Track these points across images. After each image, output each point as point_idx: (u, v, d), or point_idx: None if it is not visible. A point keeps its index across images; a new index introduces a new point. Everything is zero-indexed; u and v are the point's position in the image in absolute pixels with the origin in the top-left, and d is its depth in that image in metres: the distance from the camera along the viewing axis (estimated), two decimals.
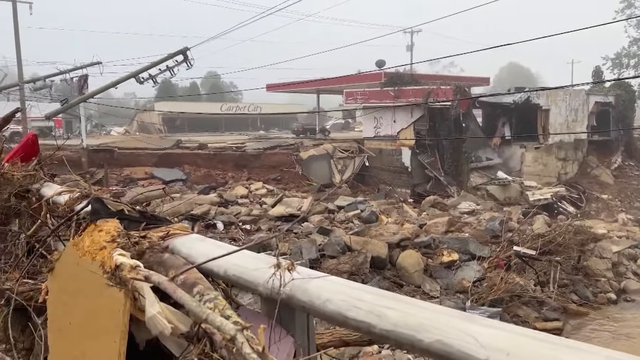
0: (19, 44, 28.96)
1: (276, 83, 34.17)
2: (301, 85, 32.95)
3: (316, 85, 31.30)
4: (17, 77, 29.58)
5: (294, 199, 19.91)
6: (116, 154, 26.56)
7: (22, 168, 4.49)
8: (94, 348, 1.64)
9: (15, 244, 4.06)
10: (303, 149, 26.12)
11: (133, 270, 1.61)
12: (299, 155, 25.66)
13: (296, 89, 34.89)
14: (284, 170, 25.68)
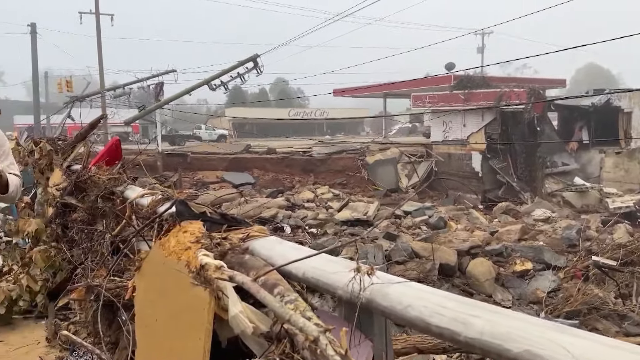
0: (101, 54, 30.73)
1: (343, 88, 34.32)
2: (368, 89, 32.90)
3: (383, 89, 31.12)
4: (99, 85, 31.36)
5: (359, 203, 19.88)
6: (189, 158, 27.58)
7: (107, 171, 4.76)
8: (180, 344, 1.72)
9: (101, 243, 4.31)
10: (369, 154, 26.06)
11: (218, 270, 1.67)
12: (365, 160, 25.61)
13: (363, 93, 34.87)
14: (350, 175, 25.72)
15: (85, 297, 3.03)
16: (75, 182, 4.99)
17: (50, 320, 4.31)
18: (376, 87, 30.94)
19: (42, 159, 6.17)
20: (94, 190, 4.55)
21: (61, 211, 5.16)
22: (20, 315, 4.56)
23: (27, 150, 7.38)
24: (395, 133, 47.10)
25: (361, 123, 61.28)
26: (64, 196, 5.13)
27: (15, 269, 5.00)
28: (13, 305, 4.45)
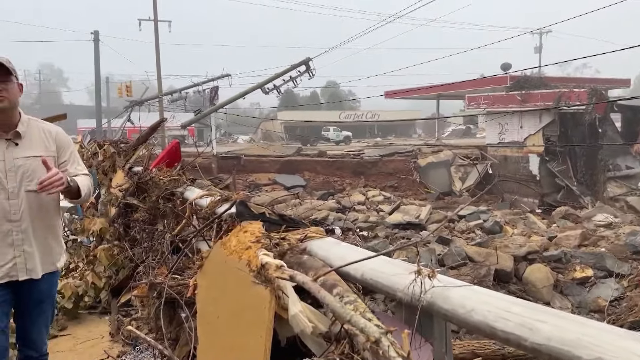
0: (159, 60, 31.73)
1: (395, 90, 34.05)
2: (420, 91, 32.50)
3: (436, 90, 30.68)
4: (157, 89, 32.41)
5: (411, 206, 19.66)
6: (242, 161, 28.08)
7: (167, 173, 4.93)
8: (241, 341, 1.75)
9: (161, 242, 4.45)
10: (421, 156, 25.74)
11: (278, 269, 1.70)
12: (417, 162, 25.31)
13: (415, 95, 34.48)
14: (401, 178, 25.48)
15: (147, 294, 3.14)
16: (137, 183, 5.18)
17: (113, 316, 4.49)
18: (429, 88, 30.53)
19: (106, 160, 6.44)
20: (155, 191, 4.72)
21: (123, 211, 5.37)
22: (85, 310, 4.77)
23: (91, 152, 7.73)
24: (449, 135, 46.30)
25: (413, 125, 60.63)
26: (126, 197, 5.34)
27: (81, 266, 5.24)
28: (79, 300, 4.67)
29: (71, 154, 2.67)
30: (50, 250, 2.59)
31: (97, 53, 36.88)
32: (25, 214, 2.47)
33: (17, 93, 2.46)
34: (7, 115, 2.43)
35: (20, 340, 2.62)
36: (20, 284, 2.48)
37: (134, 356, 3.56)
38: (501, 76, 24.84)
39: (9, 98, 2.38)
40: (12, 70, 2.39)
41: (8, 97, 2.38)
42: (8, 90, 2.38)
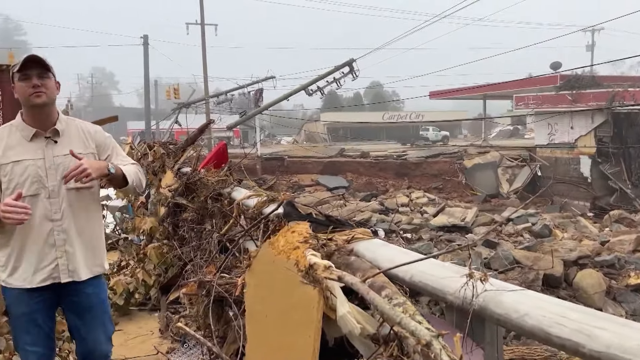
0: (206, 62, 32.38)
1: (440, 90, 33.59)
2: (466, 91, 31.95)
3: (483, 90, 30.07)
4: (204, 92, 33.08)
5: (456, 208, 19.33)
6: (286, 162, 28.31)
7: (215, 174, 5.03)
8: (290, 340, 1.77)
9: (209, 241, 4.55)
10: (467, 157, 25.28)
11: (327, 270, 1.71)
12: (463, 164, 24.88)
13: (461, 95, 33.92)
14: (446, 179, 25.12)
15: (197, 292, 3.21)
16: (185, 183, 5.31)
17: (162, 312, 4.62)
18: (475, 88, 29.97)
19: (156, 161, 6.62)
20: (203, 191, 4.82)
21: (172, 211, 5.51)
22: (135, 307, 4.93)
23: (141, 153, 7.97)
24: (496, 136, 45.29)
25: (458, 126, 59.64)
26: (175, 197, 5.48)
27: (132, 264, 5.41)
28: (130, 297, 4.82)
29: (113, 149, 2.63)
30: (93, 251, 2.52)
31: (146, 57, 37.95)
32: (66, 213, 2.41)
33: (55, 90, 2.45)
34: (45, 112, 2.42)
35: (77, 344, 2.58)
36: (64, 286, 2.43)
37: (182, 352, 3.65)
38: (551, 76, 24.12)
39: (47, 94, 2.37)
40: (50, 67, 2.38)
41: (47, 92, 2.37)
42: (46, 86, 2.37)
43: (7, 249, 2.40)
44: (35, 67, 2.34)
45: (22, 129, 2.42)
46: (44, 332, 2.47)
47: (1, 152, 2.37)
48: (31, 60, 2.34)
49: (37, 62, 2.35)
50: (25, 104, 2.41)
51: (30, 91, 2.33)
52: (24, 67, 2.33)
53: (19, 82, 2.35)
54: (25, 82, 2.33)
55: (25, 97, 2.36)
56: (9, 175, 2.36)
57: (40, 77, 2.34)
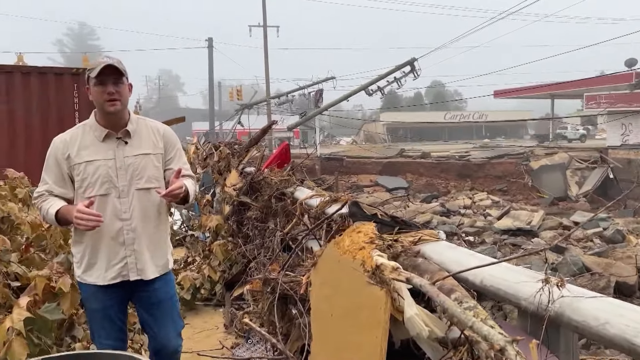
0: (268, 64, 32.97)
1: (504, 89, 32.60)
2: (533, 90, 30.85)
3: (550, 89, 28.93)
4: (265, 93, 33.66)
5: (522, 211, 18.69)
6: (345, 162, 28.34)
7: (278, 173, 5.10)
8: (356, 340, 1.78)
9: (272, 239, 4.62)
10: (534, 158, 24.40)
11: (394, 271, 1.70)
12: (529, 165, 24.03)
13: (527, 94, 32.78)
14: (511, 181, 24.34)
15: (262, 289, 3.28)
16: (250, 182, 5.42)
17: (227, 308, 4.74)
18: (542, 87, 28.86)
19: (221, 161, 6.80)
20: (267, 190, 4.91)
21: (237, 209, 5.64)
22: (201, 302, 5.08)
23: (206, 153, 8.21)
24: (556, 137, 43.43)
25: (524, 126, 57.65)
26: (239, 195, 5.61)
27: (198, 260, 5.58)
28: (196, 292, 4.97)
29: (177, 151, 2.68)
30: (159, 250, 2.58)
31: (210, 59, 39.04)
32: (135, 213, 2.46)
33: (128, 94, 2.49)
34: (118, 115, 2.48)
35: (149, 338, 2.67)
36: (134, 284, 2.51)
37: (246, 348, 3.73)
38: (625, 73, 22.89)
39: (121, 100, 2.43)
40: (123, 72, 2.44)
41: (121, 99, 2.43)
42: (121, 93, 2.42)
43: (81, 246, 2.51)
44: (112, 73, 2.40)
45: (95, 129, 2.49)
46: (117, 325, 2.58)
47: (75, 151, 2.45)
48: (108, 68, 2.39)
49: (114, 69, 2.40)
50: (99, 109, 2.48)
51: (106, 97, 2.40)
52: (100, 73, 2.38)
53: (94, 87, 2.41)
54: (101, 88, 2.39)
55: (99, 102, 2.43)
56: (82, 175, 2.44)
57: (116, 84, 2.41)
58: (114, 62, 2.41)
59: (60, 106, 9.00)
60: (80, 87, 9.02)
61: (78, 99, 9.11)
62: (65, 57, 70.09)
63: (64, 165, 2.45)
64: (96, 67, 2.39)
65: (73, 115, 8.95)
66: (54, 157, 2.48)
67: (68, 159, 2.45)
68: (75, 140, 2.48)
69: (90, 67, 2.45)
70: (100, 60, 2.43)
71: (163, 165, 2.60)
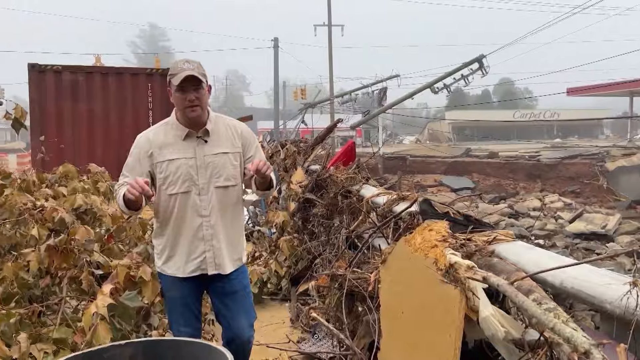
0: (332, 63, 33.04)
1: (578, 86, 31.12)
2: (609, 87, 29.25)
3: (630, 86, 27.34)
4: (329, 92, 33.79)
5: (596, 215, 17.77)
6: (408, 162, 27.99)
7: (344, 171, 5.13)
8: (428, 339, 1.76)
9: (337, 236, 4.65)
10: (610, 159, 23.15)
11: (469, 270, 1.67)
12: (605, 166, 22.82)
13: (603, 92, 31.15)
14: (584, 183, 23.18)
15: (329, 285, 3.31)
16: (315, 180, 5.48)
17: (292, 303, 4.81)
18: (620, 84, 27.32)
19: (287, 159, 6.92)
20: (333, 188, 4.95)
21: (302, 206, 5.73)
22: (268, 296, 5.18)
23: (272, 151, 8.37)
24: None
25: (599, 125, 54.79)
26: (305, 192, 5.68)
27: (265, 255, 5.69)
28: (263, 286, 5.08)
29: (256, 148, 2.73)
30: (236, 246, 2.66)
31: (276, 59, 39.62)
32: (214, 210, 2.53)
33: (207, 97, 2.58)
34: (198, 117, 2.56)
35: (223, 328, 2.74)
36: (211, 277, 2.59)
37: (312, 343, 3.77)
38: None
39: (201, 106, 2.51)
40: (202, 77, 2.50)
41: (201, 105, 2.50)
42: (200, 99, 2.50)
43: (162, 239, 2.62)
44: (192, 80, 2.47)
45: (177, 128, 2.58)
46: (194, 314, 2.69)
47: (158, 150, 2.55)
48: (189, 77, 2.45)
49: (194, 78, 2.46)
50: (181, 112, 2.56)
51: (187, 104, 2.48)
52: (182, 81, 2.45)
53: (175, 92, 2.50)
54: (182, 95, 2.48)
55: (180, 107, 2.52)
56: (164, 172, 2.54)
57: (196, 91, 2.48)
58: (194, 72, 2.47)
59: (136, 105, 9.43)
60: (154, 86, 9.43)
61: (152, 98, 9.52)
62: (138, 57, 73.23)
63: (146, 163, 2.56)
64: (178, 74, 2.46)
65: (147, 113, 9.36)
66: (137, 154, 2.59)
67: (151, 157, 2.56)
68: (158, 139, 2.58)
69: (172, 72, 2.52)
70: (182, 67, 2.49)
71: (241, 163, 2.66)
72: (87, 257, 3.08)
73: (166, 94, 2.65)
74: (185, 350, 2.03)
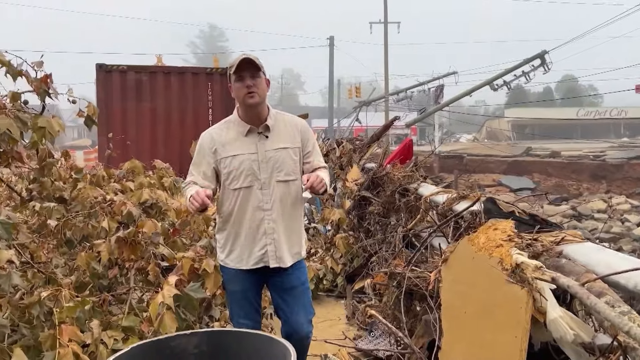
0: (387, 61, 32.78)
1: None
2: None
3: None
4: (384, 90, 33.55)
5: None
6: (465, 161, 27.40)
7: (401, 169, 5.09)
8: (493, 339, 1.73)
9: (394, 235, 4.62)
10: None
11: (537, 270, 1.64)
12: None
13: None
14: None
15: (387, 283, 3.30)
16: (372, 178, 5.46)
17: (348, 300, 4.82)
18: None
19: (343, 156, 6.93)
20: (390, 186, 4.91)
21: (358, 204, 5.72)
22: (323, 292, 5.22)
23: (328, 148, 8.39)
24: None
25: None
26: (361, 190, 5.67)
27: (320, 252, 5.73)
28: (319, 283, 5.12)
29: (314, 145, 2.78)
30: (296, 240, 2.70)
31: (331, 58, 39.70)
32: (276, 204, 2.59)
33: (265, 88, 2.61)
34: (257, 110, 2.61)
35: (282, 323, 2.79)
36: (271, 271, 2.65)
37: (369, 340, 3.77)
38: None
39: (259, 93, 2.55)
40: (260, 67, 2.56)
41: (258, 92, 2.54)
42: (258, 86, 2.54)
43: (225, 233, 2.70)
44: (248, 68, 2.54)
45: (238, 124, 2.66)
46: (254, 307, 2.76)
47: (221, 146, 2.63)
48: (245, 62, 2.53)
49: (250, 64, 2.54)
50: (240, 103, 2.64)
51: (245, 91, 2.54)
52: (238, 68, 2.53)
53: (234, 83, 2.57)
54: (240, 83, 2.55)
55: (240, 97, 2.58)
56: (227, 168, 2.61)
57: (253, 78, 2.54)
58: (250, 56, 2.55)
59: (196, 104, 9.70)
60: (213, 85, 9.67)
61: (211, 97, 9.77)
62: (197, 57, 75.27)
63: (210, 159, 2.65)
64: (235, 63, 2.55)
65: (207, 112, 9.61)
66: (201, 151, 2.68)
67: (215, 153, 2.64)
68: (221, 136, 2.66)
69: (230, 65, 2.61)
70: (238, 57, 2.58)
71: (300, 158, 2.72)
72: (153, 249, 3.20)
73: (225, 92, 2.74)
74: (247, 341, 2.08)
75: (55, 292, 2.52)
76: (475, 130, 49.66)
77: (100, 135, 8.89)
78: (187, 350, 2.06)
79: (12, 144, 2.93)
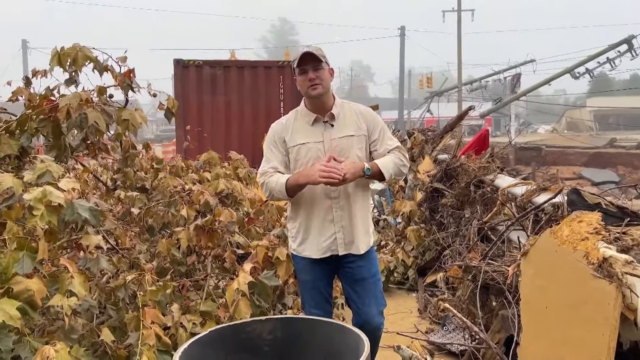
0: (460, 50, 31.87)
1: None
2: None
3: None
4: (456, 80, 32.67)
5: None
6: (543, 152, 26.21)
7: (476, 160, 4.95)
8: (578, 336, 1.65)
9: (468, 228, 4.51)
10: None
11: (627, 265, 1.54)
12: None
13: None
14: None
15: (462, 277, 3.22)
16: (445, 169, 5.35)
17: (420, 293, 4.76)
18: None
19: (415, 147, 6.82)
20: (464, 177, 4.79)
21: (430, 196, 5.62)
22: (394, 285, 5.17)
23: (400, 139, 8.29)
24: None
25: None
26: (433, 182, 5.57)
27: (391, 244, 5.69)
28: (390, 275, 5.08)
29: (380, 131, 2.75)
30: (364, 228, 2.70)
31: (402, 48, 39.11)
32: (343, 192, 2.61)
33: (328, 78, 2.65)
34: (322, 100, 2.65)
35: (353, 314, 2.79)
36: (341, 258, 2.66)
37: (441, 334, 3.70)
38: None
39: (322, 84, 2.59)
40: (322, 57, 2.59)
41: (321, 83, 2.59)
42: (321, 78, 2.58)
43: (296, 222, 2.75)
44: (310, 61, 2.59)
45: (305, 114, 2.72)
46: (324, 297, 2.79)
47: (290, 135, 2.70)
48: (306, 55, 2.59)
49: (311, 56, 2.59)
50: (304, 95, 2.71)
51: (308, 84, 2.60)
52: (300, 62, 2.59)
53: (298, 76, 2.63)
54: (303, 76, 2.61)
55: (304, 89, 2.65)
56: (295, 156, 2.68)
57: (315, 70, 2.59)
58: (311, 49, 2.60)
59: (268, 96, 9.89)
60: (285, 79, 9.82)
61: (283, 90, 9.92)
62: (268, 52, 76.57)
63: (282, 148, 2.72)
64: (296, 57, 2.62)
65: (279, 105, 9.78)
66: (273, 140, 2.75)
67: (284, 142, 2.71)
68: (290, 125, 2.73)
69: (293, 59, 2.68)
70: (300, 51, 2.64)
71: (367, 146, 2.72)
72: (229, 237, 3.30)
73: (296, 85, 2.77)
74: (320, 329, 2.09)
75: (138, 277, 2.65)
76: (554, 121, 47.36)
77: (178, 128, 9.27)
78: (261, 336, 2.11)
79: (99, 135, 3.10)
